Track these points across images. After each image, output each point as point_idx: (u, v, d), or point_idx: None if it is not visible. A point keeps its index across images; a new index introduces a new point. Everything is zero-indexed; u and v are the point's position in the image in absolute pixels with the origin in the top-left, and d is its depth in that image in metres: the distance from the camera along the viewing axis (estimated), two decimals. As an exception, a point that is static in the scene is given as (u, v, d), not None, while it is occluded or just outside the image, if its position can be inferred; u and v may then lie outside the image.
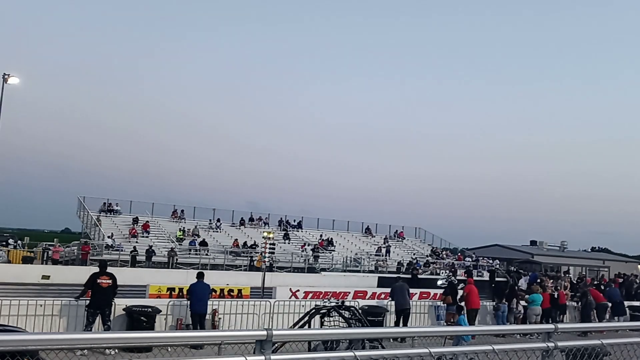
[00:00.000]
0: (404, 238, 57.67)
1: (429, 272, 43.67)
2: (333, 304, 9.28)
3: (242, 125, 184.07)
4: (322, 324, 9.08)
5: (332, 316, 9.22)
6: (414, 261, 46.91)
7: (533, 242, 69.43)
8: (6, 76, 38.85)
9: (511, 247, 66.20)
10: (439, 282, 30.27)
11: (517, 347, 4.04)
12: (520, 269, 44.34)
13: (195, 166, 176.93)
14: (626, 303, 23.74)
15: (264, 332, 2.78)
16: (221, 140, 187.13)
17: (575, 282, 30.81)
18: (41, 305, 13.52)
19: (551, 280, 26.26)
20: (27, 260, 36.25)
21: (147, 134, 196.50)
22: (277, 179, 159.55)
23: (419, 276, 35.64)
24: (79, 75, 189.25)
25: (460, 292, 18.72)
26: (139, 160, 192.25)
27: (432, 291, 24.99)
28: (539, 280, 25.22)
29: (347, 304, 11.00)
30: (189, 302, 14.49)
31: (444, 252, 53.74)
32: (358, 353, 2.95)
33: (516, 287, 21.93)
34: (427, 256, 51.64)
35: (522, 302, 19.72)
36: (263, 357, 2.74)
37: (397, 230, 58.17)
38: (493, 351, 3.76)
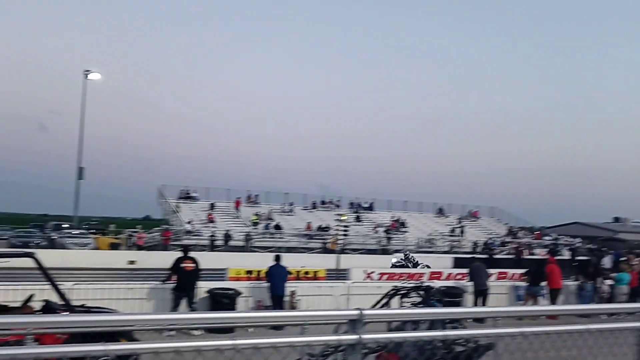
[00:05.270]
0: (479, 218, 56.52)
1: (506, 252, 42.69)
2: (412, 285, 9.26)
3: (311, 108, 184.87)
4: (401, 305, 9.08)
5: (410, 297, 9.19)
6: (490, 241, 45.97)
7: (616, 219, 66.58)
8: (87, 72, 40.97)
9: (592, 224, 63.73)
10: (393, 261, 26.66)
11: (612, 326, 3.91)
12: (603, 246, 42.61)
13: (267, 151, 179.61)
14: None
15: (357, 312, 2.84)
16: (291, 124, 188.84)
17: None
18: (130, 289, 14.17)
19: (637, 258, 25.04)
20: (114, 246, 38.19)
21: (221, 121, 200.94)
22: (347, 162, 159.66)
23: (496, 256, 34.96)
24: (156, 68, 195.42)
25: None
26: (214, 148, 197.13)
27: (510, 271, 24.46)
28: (624, 259, 24.11)
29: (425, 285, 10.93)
30: (268, 284, 14.80)
31: (521, 232, 52.30)
32: (450, 332, 2.96)
33: (600, 266, 21.13)
34: (503, 236, 50.46)
35: (608, 281, 18.96)
36: (357, 336, 2.80)
37: (471, 210, 57.08)
38: (587, 331, 3.66)
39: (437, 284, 17.05)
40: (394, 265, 25.46)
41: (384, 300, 8.59)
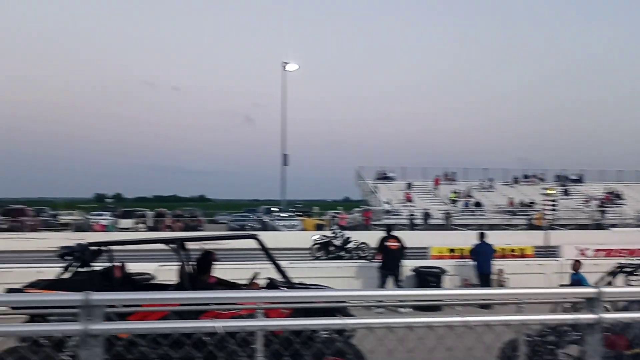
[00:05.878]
0: None
1: None
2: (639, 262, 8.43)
3: (506, 82, 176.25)
4: (627, 284, 8.33)
5: (637, 274, 8.41)
6: None
7: None
8: (285, 64, 43.61)
9: None
10: (314, 238, 24.18)
11: None
12: None
13: (462, 128, 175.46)
14: None
15: (596, 290, 2.69)
16: (485, 100, 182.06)
17: None
18: (338, 268, 14.90)
19: None
20: (319, 227, 40.32)
21: (414, 101, 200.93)
22: (548, 134, 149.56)
23: None
24: (348, 53, 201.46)
25: None
26: (409, 128, 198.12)
27: None
28: None
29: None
30: (474, 262, 14.53)
31: None
32: None
33: None
34: None
35: None
36: (596, 316, 2.65)
37: None
38: None
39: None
40: (316, 242, 23.39)
41: (608, 279, 7.93)
